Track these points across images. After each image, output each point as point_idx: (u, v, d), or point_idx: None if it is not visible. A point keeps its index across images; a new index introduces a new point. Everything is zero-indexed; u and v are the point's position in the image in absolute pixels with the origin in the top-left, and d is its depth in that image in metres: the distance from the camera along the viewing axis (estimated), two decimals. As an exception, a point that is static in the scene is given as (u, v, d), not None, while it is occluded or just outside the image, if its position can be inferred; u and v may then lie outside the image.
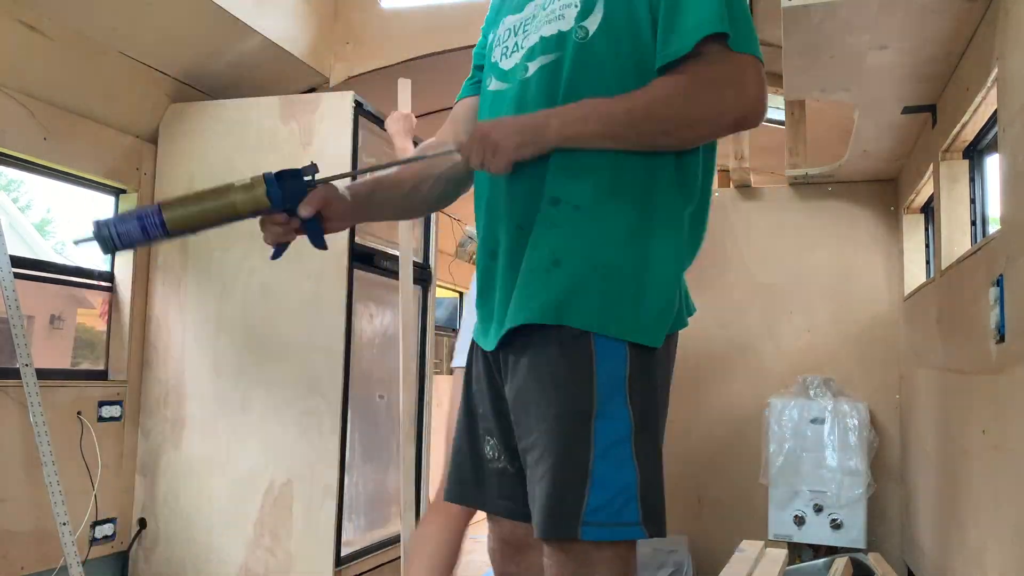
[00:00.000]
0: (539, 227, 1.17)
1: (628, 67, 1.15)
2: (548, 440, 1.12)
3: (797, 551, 3.14)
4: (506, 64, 1.28)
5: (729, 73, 1.11)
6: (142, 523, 2.80)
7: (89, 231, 1.23)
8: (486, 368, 1.28)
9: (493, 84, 1.30)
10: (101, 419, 2.72)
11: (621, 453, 1.10)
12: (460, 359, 2.07)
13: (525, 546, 1.32)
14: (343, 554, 2.64)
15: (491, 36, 1.36)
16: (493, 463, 1.28)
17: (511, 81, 1.25)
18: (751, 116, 1.13)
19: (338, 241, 2.65)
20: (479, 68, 1.43)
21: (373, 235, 2.87)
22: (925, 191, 2.91)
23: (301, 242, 1.38)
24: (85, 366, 3.23)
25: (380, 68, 3.33)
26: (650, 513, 1.11)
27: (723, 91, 1.11)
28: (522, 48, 1.25)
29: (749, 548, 2.79)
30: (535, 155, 1.15)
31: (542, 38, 1.21)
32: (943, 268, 2.39)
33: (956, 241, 2.40)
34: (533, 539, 1.22)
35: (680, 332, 1.24)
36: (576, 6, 1.18)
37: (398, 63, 3.32)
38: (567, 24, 1.18)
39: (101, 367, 2.90)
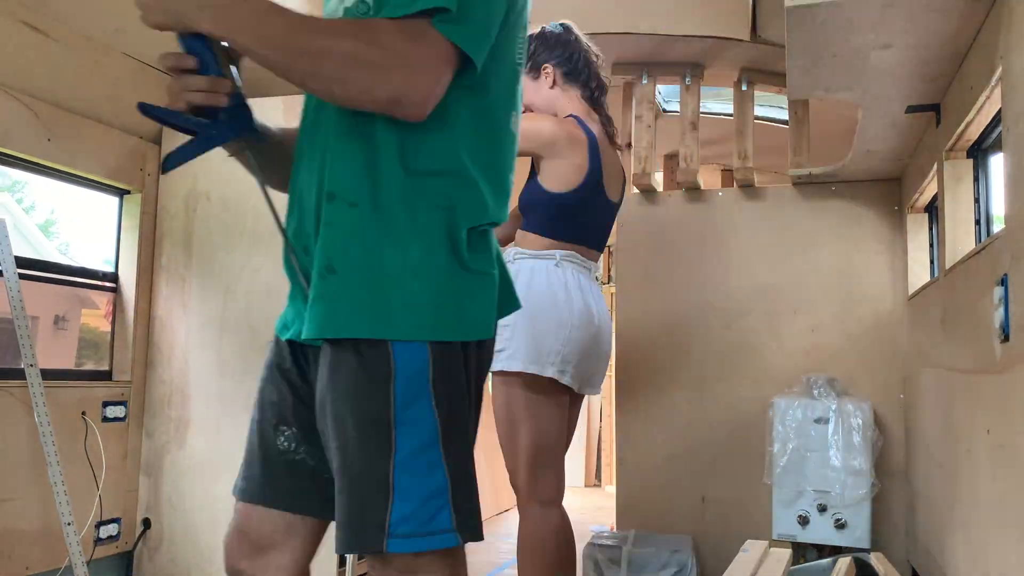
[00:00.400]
0: (320, 225, 1.13)
1: None
2: (346, 453, 1.08)
3: (801, 551, 3.14)
4: None
5: (410, 52, 1.03)
6: (146, 523, 2.81)
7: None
8: (280, 355, 1.26)
9: None
10: (105, 419, 2.73)
11: (429, 458, 1.07)
12: (498, 363, 2.07)
13: (268, 546, 1.28)
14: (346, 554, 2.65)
15: None
16: (288, 455, 1.24)
17: None
18: (407, 103, 1.04)
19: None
20: None
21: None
22: (929, 190, 2.91)
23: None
24: (89, 367, 3.24)
25: (383, 68, 3.33)
26: (464, 518, 1.09)
27: (392, 67, 1.02)
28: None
29: (753, 548, 2.79)
30: (173, 30, 1.12)
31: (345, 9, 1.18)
32: (947, 267, 2.39)
33: (960, 240, 2.40)
34: (280, 540, 1.26)
35: (682, 331, 1.28)
36: None
37: (401, 63, 3.32)
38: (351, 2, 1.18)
39: (105, 367, 2.91)
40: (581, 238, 2.24)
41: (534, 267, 2.15)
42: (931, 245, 3.13)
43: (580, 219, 2.22)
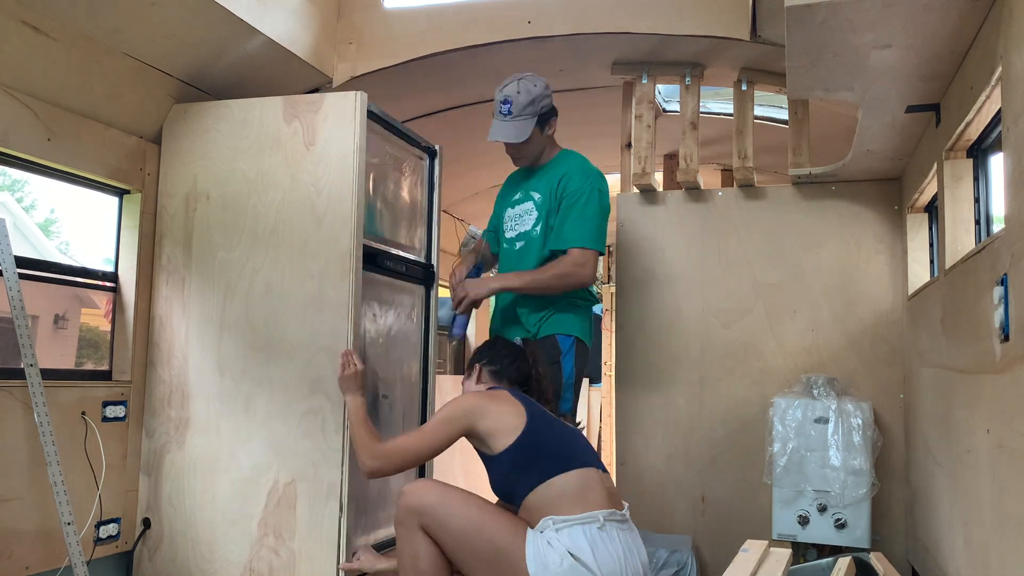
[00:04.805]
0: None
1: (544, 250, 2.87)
2: None
3: (801, 551, 3.14)
4: (510, 235, 3.00)
5: (579, 260, 2.79)
6: (146, 523, 2.81)
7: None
8: None
9: (505, 244, 3.02)
10: (105, 419, 2.72)
11: None
12: None
13: None
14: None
15: (503, 218, 3.05)
16: None
17: (511, 245, 2.98)
18: (587, 282, 2.82)
19: (342, 241, 2.65)
20: (495, 230, 3.14)
21: (377, 235, 2.87)
22: (929, 190, 2.91)
23: (305, 242, 1.35)
24: (89, 366, 3.24)
25: (383, 68, 3.33)
26: None
27: (578, 270, 2.79)
28: (515, 231, 2.98)
29: (753, 548, 2.79)
30: (486, 296, 2.91)
31: (520, 232, 2.96)
32: (947, 267, 2.39)
33: (960, 240, 2.40)
34: None
35: (682, 331, 1.31)
36: (532, 216, 2.91)
37: (401, 63, 3.32)
38: (529, 225, 2.93)
39: (105, 367, 2.91)
40: None
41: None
42: (931, 245, 3.13)
43: None
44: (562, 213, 2.82)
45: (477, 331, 6.27)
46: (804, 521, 3.07)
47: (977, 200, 2.38)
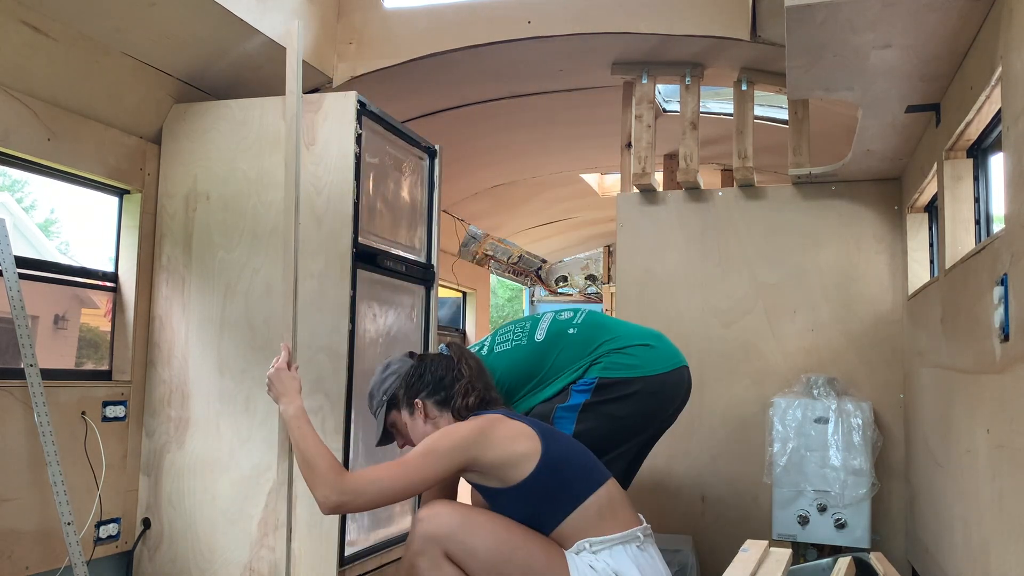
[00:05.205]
0: None
1: None
2: None
3: (801, 551, 3.14)
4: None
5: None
6: (146, 523, 2.81)
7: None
8: None
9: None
10: (105, 419, 2.73)
11: None
12: None
13: None
14: (347, 554, 2.64)
15: None
16: None
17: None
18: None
19: (341, 241, 2.65)
20: None
21: (376, 235, 2.87)
22: (929, 190, 2.91)
23: (305, 242, 1.37)
24: (89, 366, 3.24)
25: (383, 68, 3.33)
26: None
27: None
28: None
29: (753, 548, 2.78)
30: None
31: None
32: (947, 267, 2.39)
33: (960, 240, 2.40)
34: None
35: (682, 331, 1.31)
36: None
37: (401, 63, 3.32)
38: None
39: (105, 367, 2.91)
40: None
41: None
42: (931, 245, 3.13)
43: None
44: None
45: (477, 331, 6.27)
46: (804, 521, 3.07)
47: (977, 200, 2.38)
